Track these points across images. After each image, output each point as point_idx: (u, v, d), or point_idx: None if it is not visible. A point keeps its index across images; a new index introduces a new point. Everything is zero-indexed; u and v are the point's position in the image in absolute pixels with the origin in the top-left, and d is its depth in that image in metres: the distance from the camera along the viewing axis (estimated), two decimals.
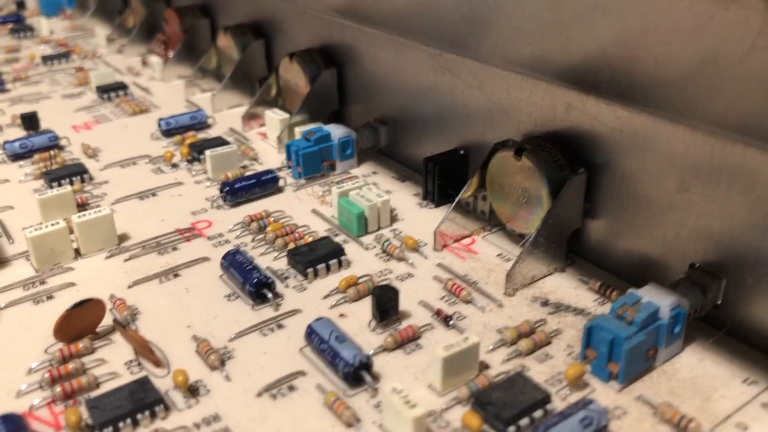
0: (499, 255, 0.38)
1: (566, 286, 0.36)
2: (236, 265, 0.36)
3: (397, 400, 0.27)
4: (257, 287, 0.34)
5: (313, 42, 0.53)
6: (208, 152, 0.47)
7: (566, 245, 0.37)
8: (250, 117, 0.54)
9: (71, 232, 0.39)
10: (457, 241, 0.39)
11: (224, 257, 0.37)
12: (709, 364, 0.30)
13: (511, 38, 0.37)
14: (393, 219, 0.42)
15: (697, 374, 0.30)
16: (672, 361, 0.31)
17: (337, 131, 0.47)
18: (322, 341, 0.30)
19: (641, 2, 0.29)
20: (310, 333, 0.31)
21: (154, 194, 0.45)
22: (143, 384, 0.29)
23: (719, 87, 0.28)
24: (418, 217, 0.42)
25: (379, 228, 0.41)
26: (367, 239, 0.40)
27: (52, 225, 0.38)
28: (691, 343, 0.31)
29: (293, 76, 0.52)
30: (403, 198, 0.44)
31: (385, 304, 0.32)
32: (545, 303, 0.34)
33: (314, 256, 0.37)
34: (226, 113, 0.57)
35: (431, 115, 0.45)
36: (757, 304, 0.31)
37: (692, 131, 0.31)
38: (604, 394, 0.29)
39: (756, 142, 0.28)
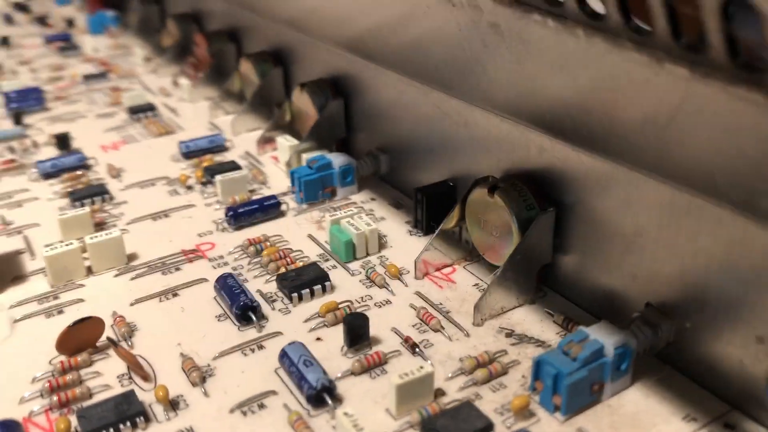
0: (475, 285, 0.40)
1: (533, 319, 0.38)
2: (226, 288, 0.39)
3: (347, 423, 0.29)
4: (243, 310, 0.37)
5: (326, 73, 0.56)
6: (218, 177, 0.50)
7: (537, 279, 0.39)
8: (265, 141, 0.58)
9: (84, 251, 0.42)
10: (438, 269, 0.42)
11: (217, 280, 0.40)
12: (654, 400, 0.32)
13: (489, 83, 0.39)
14: (382, 246, 0.44)
15: (641, 409, 0.32)
16: (619, 396, 0.32)
17: (338, 159, 0.50)
18: (291, 364, 0.33)
19: (589, 62, 0.31)
20: (283, 356, 0.34)
21: (166, 215, 0.49)
22: (128, 397, 0.32)
23: (663, 142, 0.30)
24: (406, 245, 0.44)
25: (368, 255, 0.43)
26: (355, 265, 0.43)
27: (66, 245, 0.42)
28: (640, 380, 0.33)
29: (304, 104, 0.55)
30: (395, 225, 0.47)
31: (356, 331, 0.35)
32: (510, 334, 0.36)
33: (300, 282, 0.40)
34: (244, 136, 0.61)
35: (426, 146, 0.47)
36: (703, 343, 0.32)
37: (645, 179, 0.32)
38: (547, 424, 0.31)
39: (697, 193, 0.30)
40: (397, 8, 0.45)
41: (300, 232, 0.46)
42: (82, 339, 0.36)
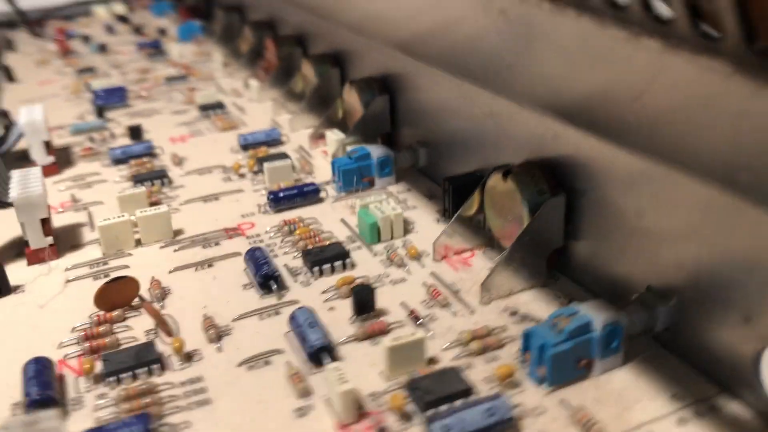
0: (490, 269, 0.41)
1: (540, 301, 0.38)
2: (254, 258, 0.42)
3: (333, 376, 0.31)
4: (264, 278, 0.40)
5: (376, 71, 0.58)
6: (266, 164, 0.53)
7: (548, 263, 0.40)
8: (317, 136, 0.61)
9: (135, 225, 0.46)
10: (458, 254, 0.43)
11: (246, 252, 0.43)
12: (644, 379, 0.32)
13: (507, 72, 0.41)
14: (408, 231, 0.46)
15: (628, 387, 0.32)
16: (609, 374, 0.33)
17: (377, 151, 0.52)
18: (298, 325, 0.36)
19: (582, 42, 0.32)
20: (292, 318, 0.36)
21: (216, 198, 0.53)
22: (148, 346, 0.35)
23: (651, 119, 0.30)
24: (432, 231, 0.45)
25: (392, 238, 0.45)
26: (379, 247, 0.44)
27: (119, 217, 0.46)
28: (634, 360, 0.33)
29: (352, 101, 0.58)
30: (425, 214, 0.48)
31: (362, 301, 0.37)
32: (514, 313, 0.37)
33: (322, 257, 0.42)
34: (302, 132, 0.64)
35: (460, 138, 0.49)
36: (696, 325, 0.32)
37: (640, 161, 0.33)
38: (531, 394, 0.32)
39: (686, 172, 0.30)
40: (432, 7, 0.47)
41: (334, 217, 0.49)
42: (118, 297, 0.39)
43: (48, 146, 0.58)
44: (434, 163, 0.53)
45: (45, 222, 0.45)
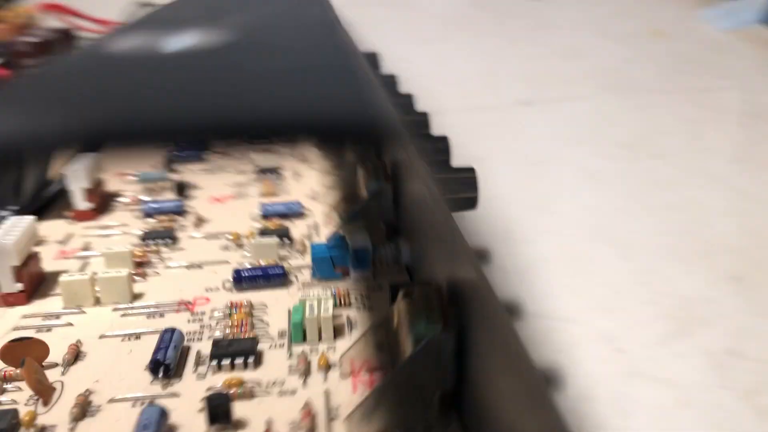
0: None
1: None
2: (161, 341, 0.41)
3: None
4: (154, 364, 0.39)
5: (393, 156, 0.56)
6: (252, 240, 0.53)
7: (437, 406, 0.35)
8: (333, 215, 0.59)
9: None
10: (366, 372, 0.39)
11: (162, 333, 0.42)
12: None
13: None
14: (344, 333, 0.43)
15: None
16: None
17: (356, 241, 0.49)
18: (139, 425, 0.34)
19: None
20: (140, 414, 0.35)
21: (200, 266, 0.53)
22: (5, 414, 0.36)
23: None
24: None
25: (320, 340, 0.42)
26: (302, 347, 0.42)
27: (81, 274, 0.48)
28: None
29: (362, 183, 0.56)
30: (378, 317, 0.45)
31: (213, 411, 0.35)
32: None
33: (224, 351, 0.40)
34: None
35: (427, 240, 0.45)
36: None
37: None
38: None
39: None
40: None
41: (289, 305, 0.47)
42: (27, 354, 0.40)
43: (89, 193, 0.62)
44: (417, 263, 0.49)
45: (20, 269, 0.48)
